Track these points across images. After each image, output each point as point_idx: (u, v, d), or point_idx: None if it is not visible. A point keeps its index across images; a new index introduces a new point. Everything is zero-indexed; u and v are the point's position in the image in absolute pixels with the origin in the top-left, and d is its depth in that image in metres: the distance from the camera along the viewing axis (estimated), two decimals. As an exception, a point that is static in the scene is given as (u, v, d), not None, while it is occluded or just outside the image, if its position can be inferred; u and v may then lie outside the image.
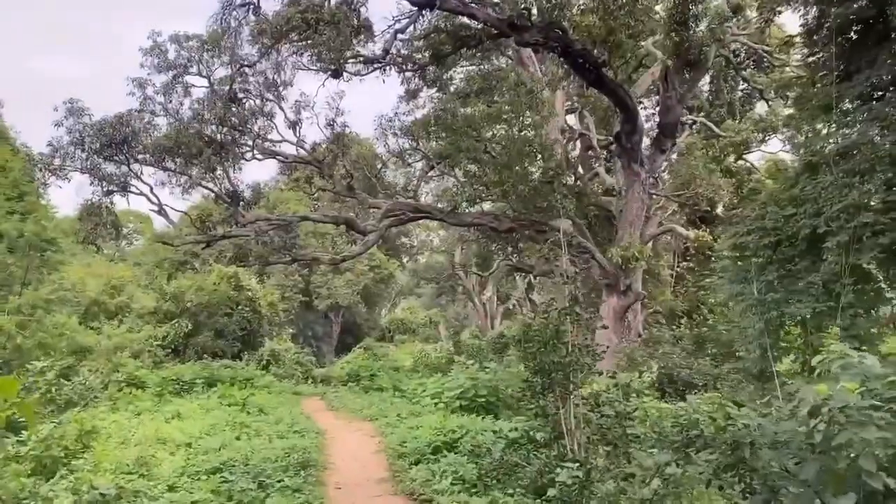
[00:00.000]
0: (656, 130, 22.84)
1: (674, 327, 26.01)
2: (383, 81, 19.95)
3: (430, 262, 46.06)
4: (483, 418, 12.55)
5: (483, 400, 13.56)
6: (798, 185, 14.82)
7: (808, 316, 13.73)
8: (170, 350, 27.23)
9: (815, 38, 16.60)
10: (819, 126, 16.38)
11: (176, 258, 35.85)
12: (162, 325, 27.68)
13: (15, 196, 23.19)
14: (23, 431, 10.13)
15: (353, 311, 43.10)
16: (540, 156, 20.19)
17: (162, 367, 24.55)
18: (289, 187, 39.06)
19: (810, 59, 17.34)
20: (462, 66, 28.40)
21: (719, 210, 30.35)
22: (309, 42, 15.39)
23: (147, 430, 12.08)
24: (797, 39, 21.60)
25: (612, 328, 19.26)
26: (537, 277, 37.19)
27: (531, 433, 8.68)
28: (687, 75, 22.56)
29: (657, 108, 26.68)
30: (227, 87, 18.70)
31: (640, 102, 24.81)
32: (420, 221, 44.01)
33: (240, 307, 30.50)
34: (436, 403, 13.97)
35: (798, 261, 14.42)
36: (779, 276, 14.72)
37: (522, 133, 21.17)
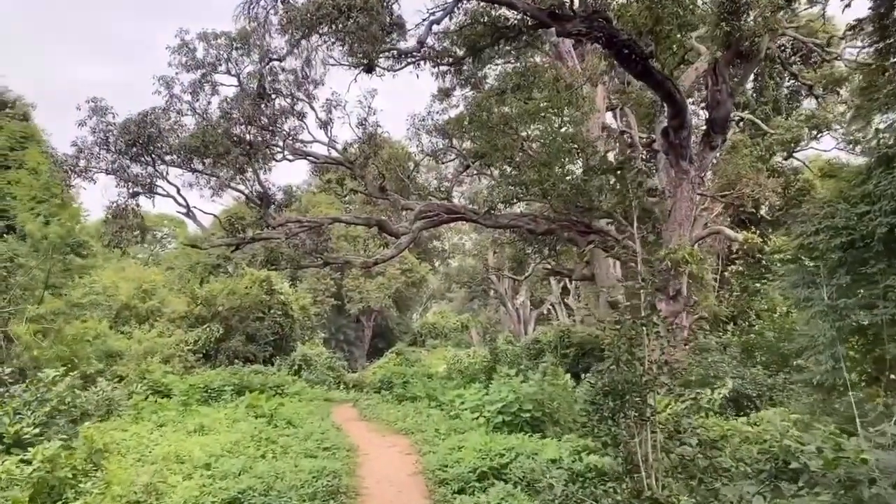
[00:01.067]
0: (703, 126, 21.31)
1: (719, 334, 24.35)
2: (417, 76, 18.86)
3: (463, 265, 44.73)
4: (529, 436, 11.19)
5: (528, 415, 12.18)
6: (871, 180, 13.26)
7: (883, 323, 12.21)
8: (201, 355, 26.35)
9: (885, 21, 15.05)
10: (893, 116, 14.79)
11: (209, 262, 35.10)
12: (193, 329, 26.83)
13: (46, 199, 22.48)
14: (29, 448, 9.07)
15: (384, 315, 41.99)
16: (582, 152, 18.75)
17: (192, 373, 23.67)
18: (320, 189, 38.11)
19: (880, 44, 15.77)
20: (496, 65, 27.17)
21: (763, 211, 28.59)
22: (341, 30, 14.19)
23: (166, 447, 10.96)
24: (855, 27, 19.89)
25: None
26: (573, 282, 35.65)
27: (598, 464, 7.30)
28: (736, 68, 21.05)
29: (703, 105, 25.12)
30: (256, 83, 17.61)
31: (690, 96, 23.24)
32: (452, 225, 42.81)
33: (272, 311, 29.56)
34: (476, 418, 12.63)
35: (873, 263, 12.89)
36: (851, 279, 13.20)
37: (563, 129, 19.74)
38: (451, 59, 18.55)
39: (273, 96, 18.64)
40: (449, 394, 15.45)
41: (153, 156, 17.76)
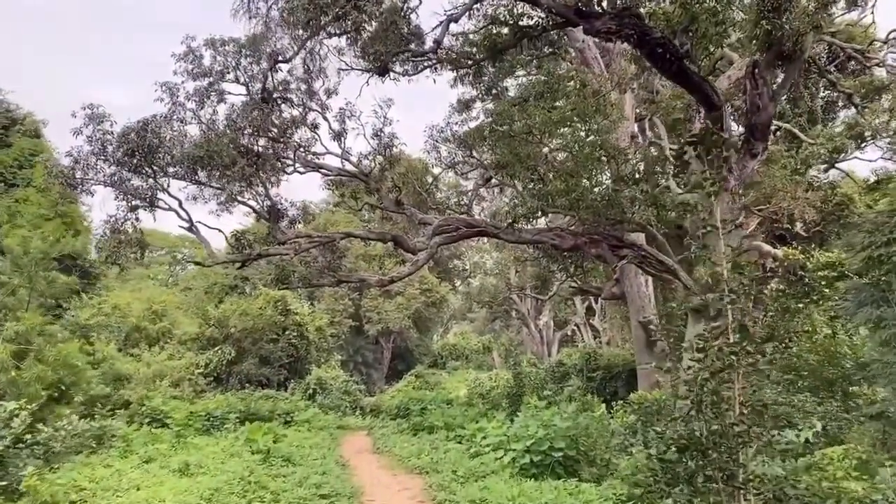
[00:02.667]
0: (741, 134, 19.39)
1: (757, 357, 22.15)
2: (434, 81, 17.09)
3: (484, 284, 42.69)
4: (564, 482, 9.19)
5: (560, 455, 10.18)
6: (950, 184, 11.29)
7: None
8: (212, 378, 24.68)
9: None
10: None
11: (226, 282, 33.50)
12: (204, 351, 25.19)
13: (54, 217, 21.10)
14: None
15: (404, 336, 40.02)
16: (613, 160, 16.87)
17: (203, 397, 22.06)
18: (335, 204, 36.52)
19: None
20: (518, 76, 25.53)
21: (798, 227, 26.40)
22: (350, 28, 12.56)
23: (138, 493, 9.15)
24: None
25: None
26: (599, 302, 33.47)
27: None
28: (775, 72, 19.14)
29: (736, 113, 23.19)
30: (260, 86, 16.05)
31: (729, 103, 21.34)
32: (473, 243, 40.87)
33: (286, 332, 27.85)
34: (499, 458, 10.64)
35: (955, 276, 10.89)
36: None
37: (590, 138, 17.89)
38: (470, 62, 16.85)
39: (280, 102, 17.05)
40: (469, 426, 13.46)
41: (154, 167, 16.21)
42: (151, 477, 10.42)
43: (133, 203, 16.23)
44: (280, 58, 15.30)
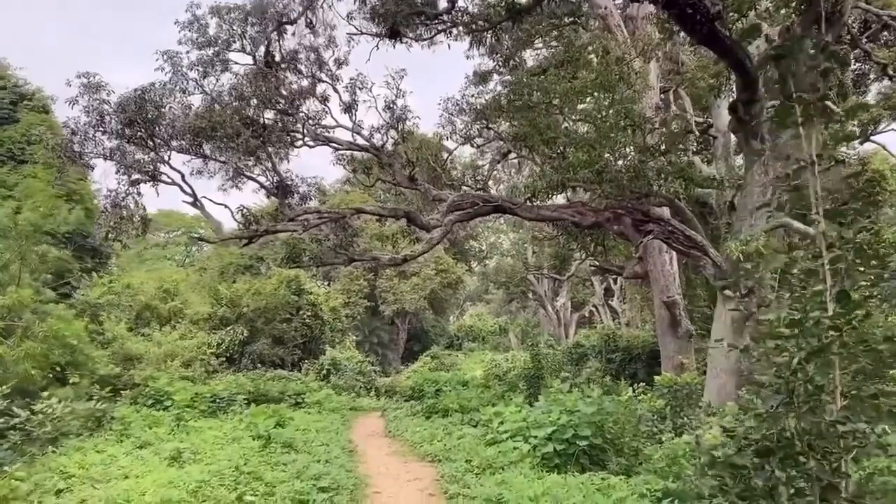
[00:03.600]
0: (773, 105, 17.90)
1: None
2: (448, 46, 15.83)
3: (501, 265, 41.42)
4: (590, 476, 8.04)
5: (585, 443, 9.01)
6: None
7: None
8: (224, 358, 23.79)
9: None
10: None
11: (241, 262, 32.60)
12: (217, 331, 24.29)
13: (62, 195, 20.17)
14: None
15: (420, 316, 38.95)
16: (639, 129, 15.50)
17: (214, 377, 21.20)
18: (345, 180, 35.34)
19: None
20: (536, 49, 24.18)
21: (828, 205, 24.92)
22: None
23: (123, 483, 8.16)
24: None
25: (732, 341, 14.42)
26: (618, 282, 32.16)
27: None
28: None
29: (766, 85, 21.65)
30: (263, 49, 14.90)
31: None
32: (490, 224, 39.61)
33: (300, 312, 26.85)
34: (518, 446, 9.48)
35: None
36: None
37: (613, 108, 16.51)
38: (487, 24, 15.51)
39: (286, 70, 15.89)
40: (486, 411, 12.33)
41: (156, 139, 15.16)
42: (141, 464, 9.45)
43: (134, 177, 15.23)
44: (285, 19, 14.10)
